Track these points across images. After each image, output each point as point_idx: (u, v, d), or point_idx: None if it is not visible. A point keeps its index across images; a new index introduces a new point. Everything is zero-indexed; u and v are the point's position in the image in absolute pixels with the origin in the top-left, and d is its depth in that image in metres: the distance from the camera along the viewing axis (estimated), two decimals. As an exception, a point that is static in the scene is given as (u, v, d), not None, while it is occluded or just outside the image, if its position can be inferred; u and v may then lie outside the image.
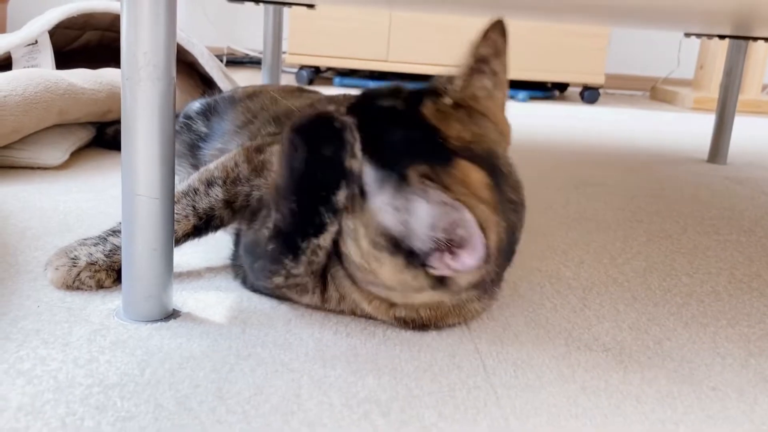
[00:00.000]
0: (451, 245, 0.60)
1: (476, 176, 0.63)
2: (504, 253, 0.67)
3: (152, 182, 0.65)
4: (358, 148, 0.65)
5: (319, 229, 0.66)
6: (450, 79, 0.70)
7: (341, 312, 0.74)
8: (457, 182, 0.61)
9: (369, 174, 0.64)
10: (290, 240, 0.68)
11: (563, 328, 0.74)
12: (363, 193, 0.64)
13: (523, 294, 0.83)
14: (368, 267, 0.65)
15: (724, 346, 0.73)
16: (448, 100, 0.68)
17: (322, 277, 0.71)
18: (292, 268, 0.68)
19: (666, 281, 0.91)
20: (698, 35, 1.83)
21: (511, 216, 0.66)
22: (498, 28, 0.71)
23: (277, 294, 0.76)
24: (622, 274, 0.93)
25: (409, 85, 0.71)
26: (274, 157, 0.80)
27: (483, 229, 0.58)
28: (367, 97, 0.70)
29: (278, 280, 0.71)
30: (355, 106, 0.68)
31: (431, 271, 0.62)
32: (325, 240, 0.67)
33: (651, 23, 1.74)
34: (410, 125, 0.66)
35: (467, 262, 0.60)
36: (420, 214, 0.60)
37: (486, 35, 0.70)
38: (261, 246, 0.70)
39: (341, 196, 0.65)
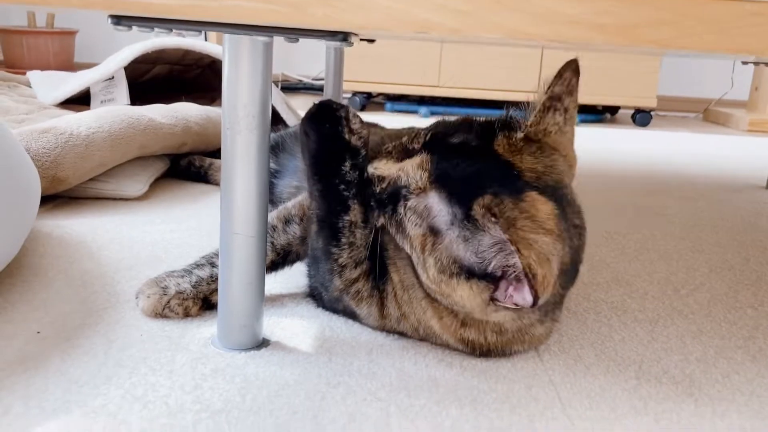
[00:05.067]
0: (515, 276, 0.65)
1: (544, 208, 0.67)
2: (568, 275, 0.70)
3: (248, 221, 0.71)
4: (354, 122, 0.76)
5: (344, 204, 0.76)
6: (524, 114, 0.74)
7: (402, 333, 0.79)
8: (524, 215, 0.65)
9: (440, 211, 0.68)
10: (329, 224, 0.77)
11: (633, 361, 0.77)
12: (435, 233, 0.69)
13: (591, 326, 0.86)
14: (439, 290, 0.70)
15: (793, 381, 0.75)
16: (520, 135, 0.72)
17: (379, 290, 0.77)
18: (339, 256, 0.77)
19: (731, 314, 0.93)
20: (756, 63, 1.83)
21: (575, 240, 0.70)
22: (572, 67, 0.74)
23: (344, 309, 0.82)
24: (687, 306, 0.95)
25: (481, 115, 0.77)
26: None
27: (539, 266, 0.62)
28: (440, 132, 0.74)
29: (336, 282, 0.79)
30: (430, 143, 0.73)
31: (498, 303, 0.67)
32: (354, 215, 0.76)
33: (706, 56, 1.75)
34: (483, 159, 0.70)
35: (519, 302, 0.65)
36: (486, 245, 0.65)
37: (561, 74, 0.74)
38: (314, 245, 0.80)
39: (347, 167, 0.76)
